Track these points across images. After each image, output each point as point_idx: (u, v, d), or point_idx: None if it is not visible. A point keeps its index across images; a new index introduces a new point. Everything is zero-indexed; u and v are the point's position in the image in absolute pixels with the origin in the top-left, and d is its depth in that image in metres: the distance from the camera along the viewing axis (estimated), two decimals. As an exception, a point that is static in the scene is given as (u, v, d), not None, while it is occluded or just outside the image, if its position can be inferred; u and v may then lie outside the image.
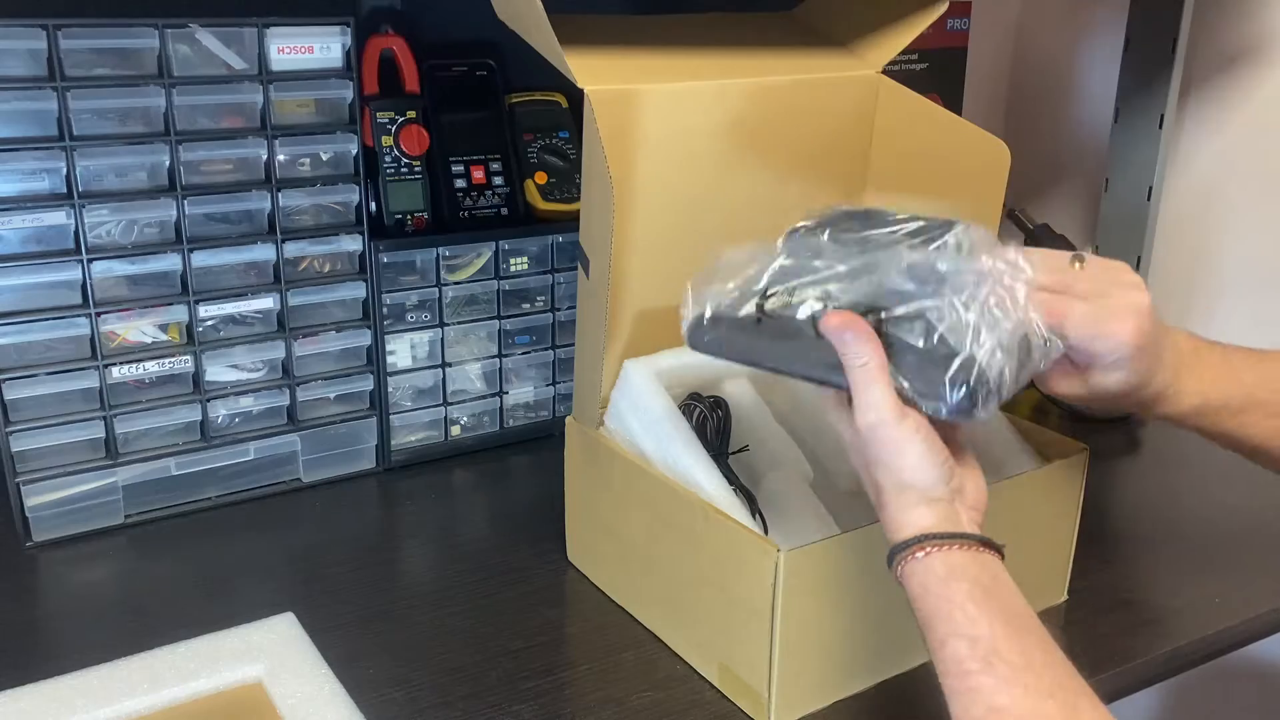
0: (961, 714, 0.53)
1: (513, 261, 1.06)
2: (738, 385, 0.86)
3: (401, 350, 1.04)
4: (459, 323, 1.05)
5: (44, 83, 0.83)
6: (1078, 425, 1.15)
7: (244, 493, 0.99)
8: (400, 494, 1.03)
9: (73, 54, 0.83)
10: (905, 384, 0.58)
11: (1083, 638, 0.80)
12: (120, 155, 0.87)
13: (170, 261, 0.91)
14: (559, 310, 1.10)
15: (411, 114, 1.01)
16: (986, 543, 0.58)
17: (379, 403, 1.03)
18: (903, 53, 0.93)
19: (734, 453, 0.82)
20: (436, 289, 1.03)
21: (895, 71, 0.93)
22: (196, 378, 0.94)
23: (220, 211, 0.92)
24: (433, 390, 1.06)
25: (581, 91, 0.74)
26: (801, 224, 0.66)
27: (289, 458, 1.01)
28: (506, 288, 1.06)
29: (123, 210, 0.88)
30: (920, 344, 0.59)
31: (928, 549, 0.57)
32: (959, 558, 0.57)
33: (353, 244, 0.99)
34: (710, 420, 0.82)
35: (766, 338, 0.63)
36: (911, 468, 0.58)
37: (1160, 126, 1.24)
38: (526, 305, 1.09)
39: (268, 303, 0.96)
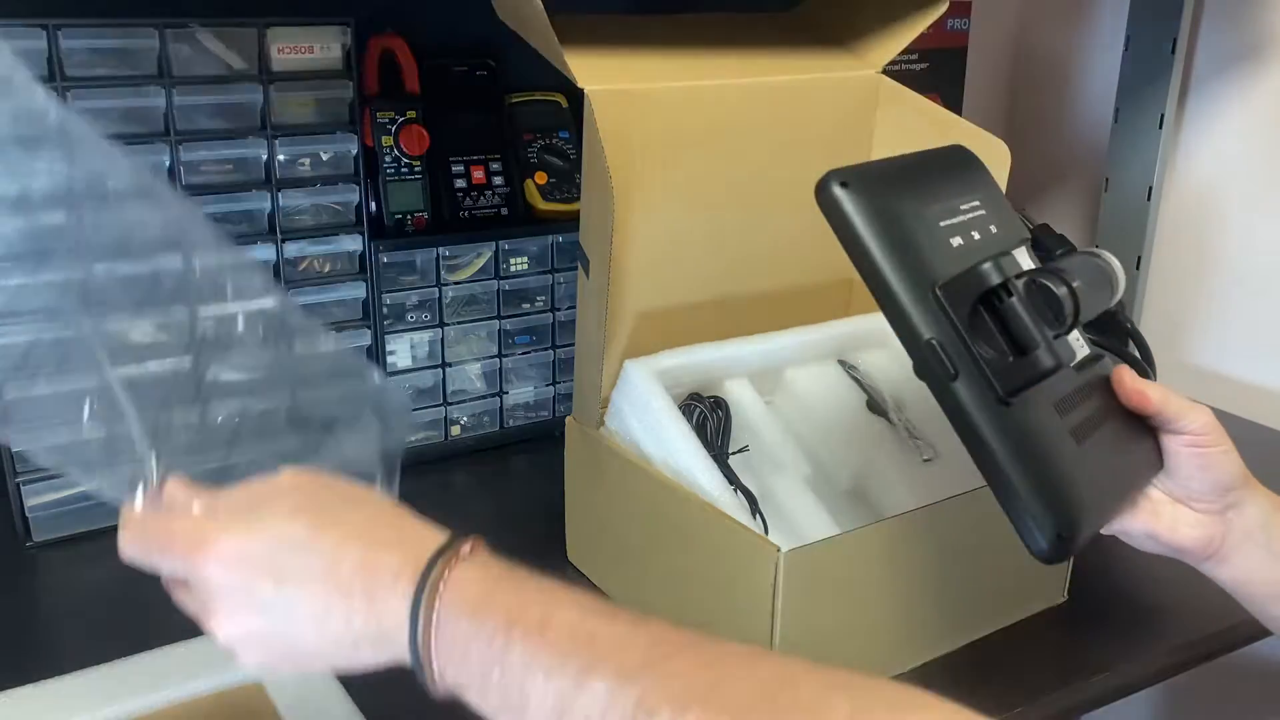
0: None
1: (513, 261, 1.06)
2: (738, 385, 0.86)
3: (401, 350, 1.04)
4: (459, 323, 1.05)
5: (44, 83, 0.83)
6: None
7: (244, 493, 0.99)
8: (400, 494, 1.03)
9: (73, 54, 0.83)
10: None
11: (1083, 638, 0.80)
12: (120, 155, 0.87)
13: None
14: (559, 310, 1.10)
15: (411, 114, 1.00)
16: None
17: (379, 403, 1.03)
18: (903, 53, 0.93)
19: (734, 453, 0.82)
20: (436, 289, 1.03)
21: (895, 71, 0.93)
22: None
23: (220, 211, 0.92)
24: (433, 390, 1.06)
25: (581, 91, 0.74)
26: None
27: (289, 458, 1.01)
28: (506, 288, 1.06)
29: (123, 210, 0.88)
30: None
31: None
32: None
33: (353, 244, 0.99)
34: (710, 420, 0.82)
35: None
36: None
37: (1160, 126, 1.24)
38: (526, 305, 1.09)
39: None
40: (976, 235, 0.62)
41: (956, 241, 0.60)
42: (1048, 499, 0.56)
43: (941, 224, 0.61)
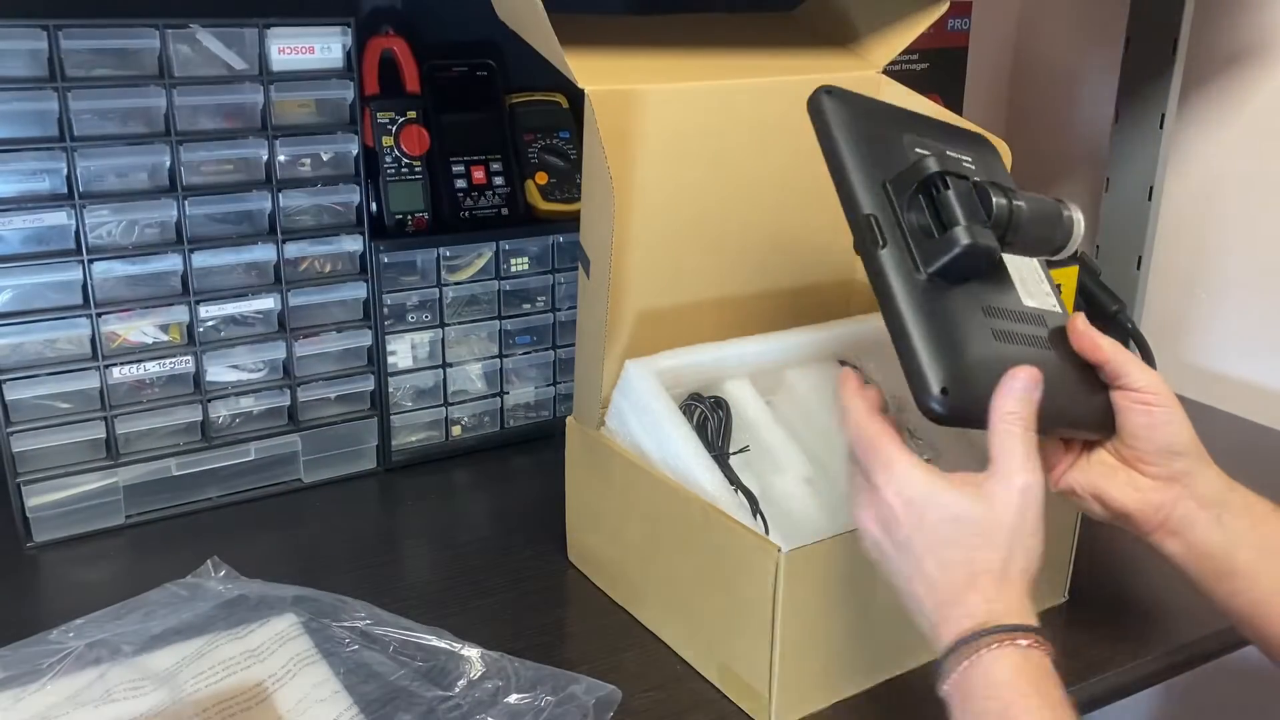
0: None
1: (513, 262, 1.06)
2: (738, 385, 0.86)
3: (402, 350, 1.04)
4: (459, 323, 1.05)
5: (44, 83, 0.83)
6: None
7: (245, 493, 0.99)
8: (400, 494, 1.03)
9: (73, 54, 0.83)
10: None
11: (1083, 638, 0.80)
12: (121, 156, 0.87)
13: (171, 262, 0.91)
14: (559, 310, 1.10)
15: (412, 114, 1.01)
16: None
17: (379, 403, 1.03)
18: (903, 53, 0.93)
19: (734, 453, 0.82)
20: (437, 289, 1.03)
21: (895, 71, 0.93)
22: (197, 378, 0.95)
23: (221, 212, 0.93)
24: (433, 390, 1.06)
25: (581, 91, 0.74)
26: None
27: (290, 458, 1.01)
28: (507, 288, 1.06)
29: (123, 210, 0.88)
30: None
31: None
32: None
33: (353, 244, 0.99)
34: (711, 420, 0.82)
35: None
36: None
37: (1160, 126, 1.24)
38: (527, 305, 1.09)
39: (268, 303, 0.96)
40: None
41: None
42: (937, 354, 0.59)
43: (916, 148, 0.65)
